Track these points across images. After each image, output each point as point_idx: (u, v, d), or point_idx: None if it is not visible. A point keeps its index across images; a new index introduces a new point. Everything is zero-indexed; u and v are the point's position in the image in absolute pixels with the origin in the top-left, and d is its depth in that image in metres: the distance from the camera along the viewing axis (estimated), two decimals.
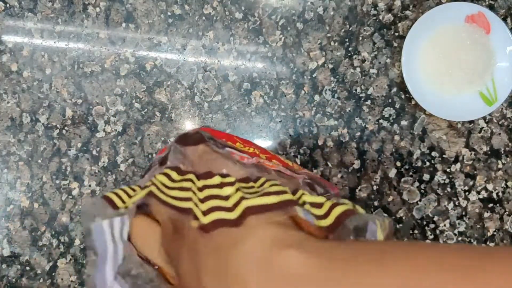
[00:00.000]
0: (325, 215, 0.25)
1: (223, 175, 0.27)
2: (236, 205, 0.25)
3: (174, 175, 0.28)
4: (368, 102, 0.59)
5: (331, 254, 0.21)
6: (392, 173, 0.59)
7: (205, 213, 0.24)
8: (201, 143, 0.31)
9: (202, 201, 0.25)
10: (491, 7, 0.58)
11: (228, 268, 0.22)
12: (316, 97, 0.59)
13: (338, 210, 0.25)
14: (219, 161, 0.29)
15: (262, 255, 0.21)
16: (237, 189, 0.26)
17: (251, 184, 0.28)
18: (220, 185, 0.26)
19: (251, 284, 0.21)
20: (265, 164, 0.32)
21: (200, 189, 0.26)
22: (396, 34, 0.59)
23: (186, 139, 0.31)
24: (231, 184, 0.26)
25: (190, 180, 0.27)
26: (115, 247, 0.26)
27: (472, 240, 0.59)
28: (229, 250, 0.22)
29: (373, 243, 0.23)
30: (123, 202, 0.27)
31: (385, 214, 0.59)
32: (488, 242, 0.59)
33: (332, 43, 0.59)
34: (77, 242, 0.60)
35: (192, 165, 0.29)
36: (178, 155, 0.30)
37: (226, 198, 0.25)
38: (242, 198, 0.25)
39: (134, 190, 0.28)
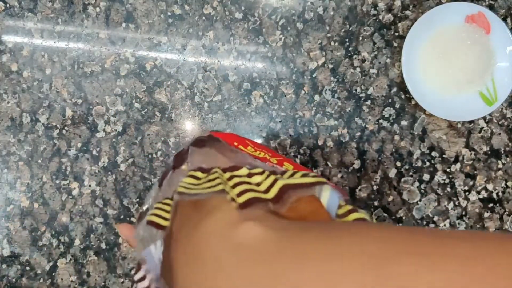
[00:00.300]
0: (342, 216, 0.25)
1: (250, 168, 0.28)
2: (270, 187, 0.25)
3: (199, 174, 0.28)
4: (368, 102, 0.59)
5: (289, 228, 0.22)
6: (392, 173, 0.59)
7: (238, 195, 0.25)
8: (216, 143, 0.31)
9: (233, 187, 0.26)
10: (491, 7, 0.58)
11: (194, 240, 0.23)
12: (316, 97, 0.59)
13: (355, 216, 0.25)
14: (241, 159, 0.30)
15: (222, 227, 0.22)
16: (267, 176, 0.26)
17: (278, 176, 0.28)
18: (249, 175, 0.27)
19: (206, 253, 0.21)
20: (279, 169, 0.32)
21: (228, 179, 0.27)
22: (396, 34, 0.59)
23: (202, 142, 0.31)
24: (260, 173, 0.27)
25: (216, 172, 0.28)
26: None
27: None
28: (195, 225, 0.23)
29: (330, 222, 0.24)
30: (166, 219, 0.27)
31: (385, 214, 0.59)
32: None
33: (332, 43, 0.59)
34: (77, 242, 0.60)
35: (215, 162, 0.29)
36: (198, 155, 0.30)
37: (257, 185, 0.26)
38: (276, 180, 0.25)
39: (168, 204, 0.28)
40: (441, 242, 0.18)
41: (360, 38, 0.59)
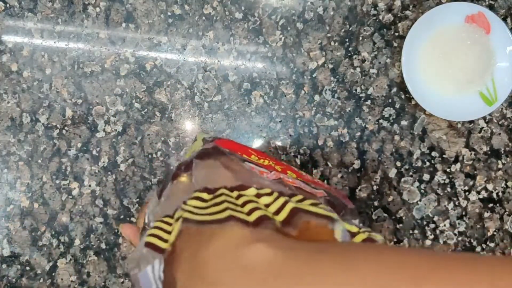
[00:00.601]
0: None
1: (258, 188, 0.28)
2: (280, 209, 0.25)
3: (204, 195, 0.28)
4: (368, 102, 0.59)
5: (298, 250, 0.22)
6: (392, 173, 0.59)
7: (248, 213, 0.25)
8: (221, 156, 0.31)
9: (242, 205, 0.26)
10: (491, 7, 0.58)
11: (198, 262, 0.22)
12: (316, 97, 0.59)
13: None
14: (247, 176, 0.29)
15: (229, 247, 0.22)
16: (276, 198, 0.26)
17: (287, 198, 0.28)
18: (257, 195, 0.27)
19: (211, 272, 0.21)
20: (285, 180, 0.32)
21: (236, 198, 0.27)
22: (396, 34, 0.59)
23: (206, 155, 0.31)
24: (268, 194, 0.27)
25: (222, 194, 0.27)
26: None
27: (472, 240, 0.59)
28: (201, 244, 0.23)
29: (339, 244, 0.24)
30: (165, 240, 0.27)
31: (385, 215, 0.59)
32: (488, 242, 0.59)
33: (332, 43, 0.59)
34: (77, 242, 0.60)
35: (220, 180, 0.29)
36: (201, 168, 0.30)
37: (266, 206, 0.26)
38: (286, 202, 0.26)
39: (169, 223, 0.28)
40: (440, 266, 0.19)
41: (360, 38, 0.59)
